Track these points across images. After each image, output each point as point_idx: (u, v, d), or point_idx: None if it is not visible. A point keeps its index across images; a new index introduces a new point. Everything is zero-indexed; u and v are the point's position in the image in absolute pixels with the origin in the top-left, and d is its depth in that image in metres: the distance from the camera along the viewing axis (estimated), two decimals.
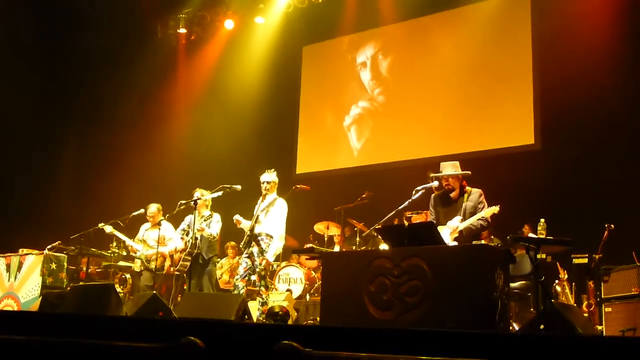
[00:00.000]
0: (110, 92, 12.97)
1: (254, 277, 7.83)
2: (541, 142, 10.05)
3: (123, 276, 9.60)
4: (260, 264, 7.67)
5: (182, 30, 13.25)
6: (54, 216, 11.89)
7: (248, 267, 7.74)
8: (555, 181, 9.52)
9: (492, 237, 8.07)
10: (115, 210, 9.60)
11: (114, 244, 9.71)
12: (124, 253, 9.62)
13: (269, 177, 7.94)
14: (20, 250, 9.28)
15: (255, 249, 7.72)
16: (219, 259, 9.70)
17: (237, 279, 7.81)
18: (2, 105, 11.76)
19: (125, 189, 11.84)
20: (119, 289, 8.82)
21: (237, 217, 7.88)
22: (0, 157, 11.98)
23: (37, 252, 9.06)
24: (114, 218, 9.09)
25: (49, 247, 9.12)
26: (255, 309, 7.77)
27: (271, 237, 7.77)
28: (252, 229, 7.74)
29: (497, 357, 2.26)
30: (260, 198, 7.98)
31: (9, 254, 9.23)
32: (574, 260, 8.14)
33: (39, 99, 12.58)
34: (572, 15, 9.89)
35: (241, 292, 7.62)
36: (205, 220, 8.30)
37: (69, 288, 8.55)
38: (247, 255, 7.79)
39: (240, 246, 8.01)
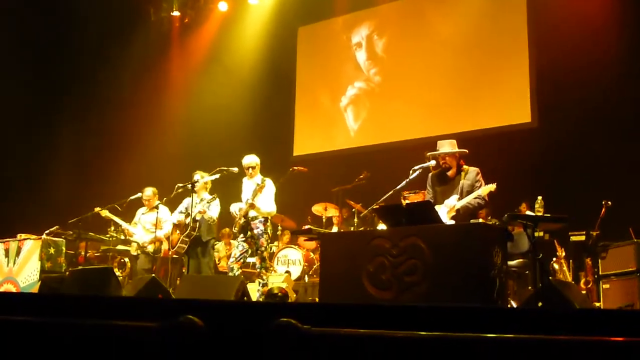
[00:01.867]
0: (104, 76, 12.91)
1: (251, 260, 7.84)
2: (538, 120, 10.05)
3: (122, 260, 9.61)
4: (261, 246, 7.70)
5: (176, 13, 13.20)
6: (51, 201, 11.87)
7: (244, 250, 7.77)
8: (552, 159, 9.53)
9: (490, 217, 8.06)
10: (113, 195, 9.59)
11: (112, 228, 9.72)
12: (122, 237, 9.63)
13: (252, 159, 7.97)
14: (19, 235, 9.27)
15: (252, 234, 7.76)
16: (217, 242, 9.71)
17: (232, 262, 7.82)
18: None
19: (122, 173, 11.82)
20: (118, 273, 8.84)
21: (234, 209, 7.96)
22: None
23: (35, 237, 9.05)
24: (111, 202, 9.08)
25: (47, 231, 9.11)
26: (254, 291, 7.80)
27: (267, 220, 7.82)
28: (246, 214, 7.76)
29: (495, 331, 2.26)
30: (245, 181, 8.02)
31: (8, 239, 9.23)
32: (571, 237, 8.18)
33: (33, 84, 12.51)
34: None
35: (236, 274, 7.65)
36: (208, 203, 8.26)
37: (67, 272, 8.56)
38: (243, 239, 7.80)
39: (234, 231, 8.03)
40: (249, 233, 7.78)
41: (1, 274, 9.08)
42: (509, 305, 6.06)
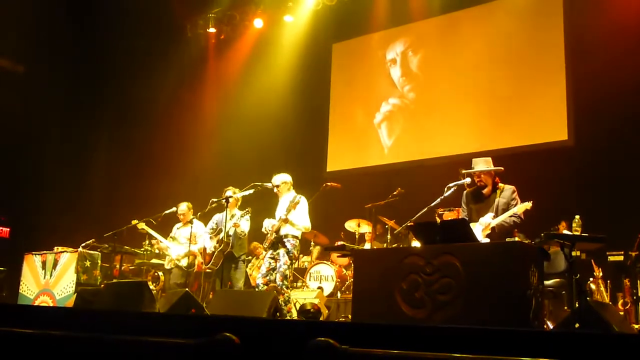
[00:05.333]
0: (141, 90, 13.08)
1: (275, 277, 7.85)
2: (574, 137, 9.91)
3: (156, 274, 9.68)
4: (284, 264, 7.69)
5: (212, 30, 13.39)
6: (88, 214, 12.04)
7: (271, 267, 7.78)
8: (590, 177, 9.38)
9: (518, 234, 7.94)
10: (148, 209, 9.69)
11: (147, 241, 9.81)
12: (157, 251, 9.72)
13: (278, 179, 8.01)
14: (56, 248, 9.44)
15: (282, 250, 7.75)
16: (248, 257, 9.74)
17: (258, 277, 7.86)
18: (36, 103, 11.96)
19: (158, 188, 11.93)
20: (151, 286, 8.90)
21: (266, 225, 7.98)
22: (35, 156, 12.18)
23: (72, 249, 9.20)
24: (146, 216, 9.19)
25: (83, 244, 9.24)
26: None
27: (297, 238, 7.83)
28: (277, 231, 7.77)
29: (532, 354, 2.22)
30: (280, 199, 8.06)
31: (45, 252, 9.40)
32: (609, 257, 8.03)
33: (71, 97, 12.75)
34: (606, 7, 9.74)
35: (262, 289, 7.67)
36: (240, 218, 8.30)
37: (103, 285, 8.66)
38: (271, 256, 7.82)
39: (265, 246, 8.05)
40: (278, 250, 7.80)
41: (38, 286, 9.23)
42: (545, 326, 5.95)
